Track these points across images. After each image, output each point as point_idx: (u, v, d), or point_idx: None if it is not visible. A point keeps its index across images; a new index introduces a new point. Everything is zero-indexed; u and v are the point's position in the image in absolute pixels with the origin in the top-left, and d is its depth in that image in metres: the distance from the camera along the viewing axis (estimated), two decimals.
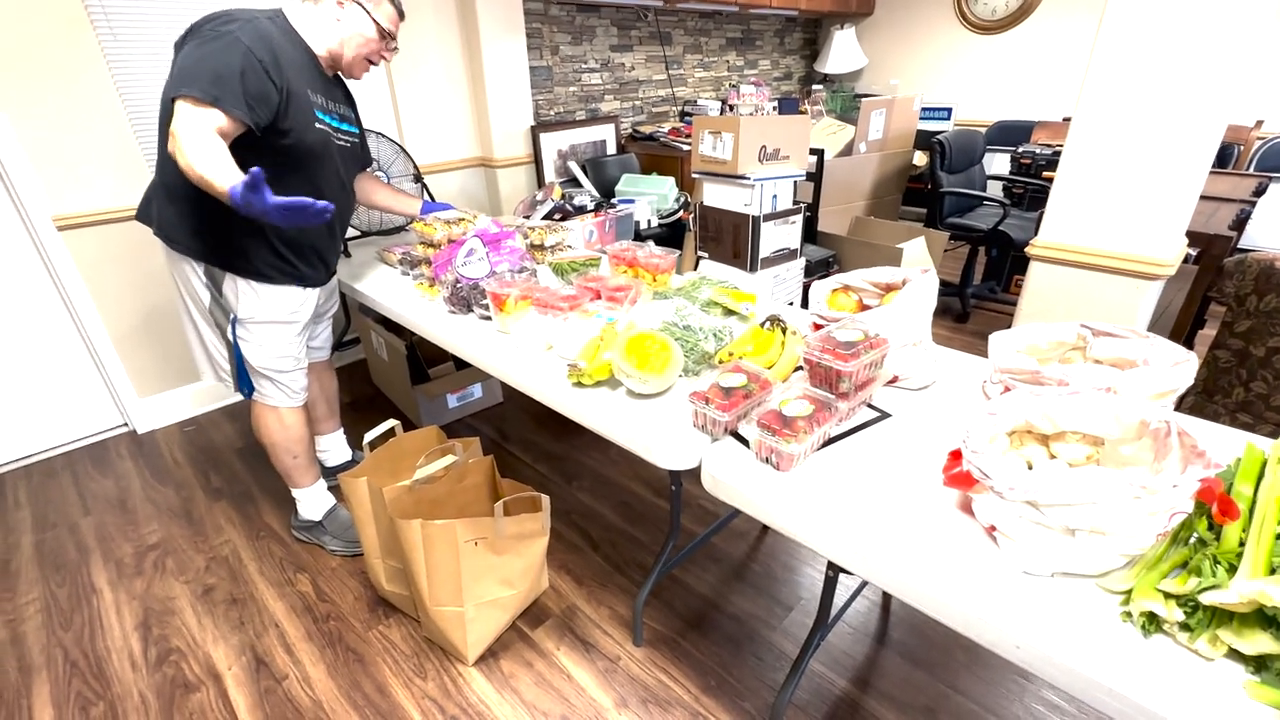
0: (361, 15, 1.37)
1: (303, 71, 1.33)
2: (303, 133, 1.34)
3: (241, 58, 1.19)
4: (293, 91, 1.29)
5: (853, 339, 1.01)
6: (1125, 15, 1.30)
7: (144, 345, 2.28)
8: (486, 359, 1.39)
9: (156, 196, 1.39)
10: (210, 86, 1.15)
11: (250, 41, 1.21)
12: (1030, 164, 3.21)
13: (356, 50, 1.41)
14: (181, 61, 1.21)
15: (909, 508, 0.87)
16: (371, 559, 1.50)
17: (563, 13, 3.16)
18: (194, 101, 1.15)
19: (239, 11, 1.27)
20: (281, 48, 1.28)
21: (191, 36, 1.25)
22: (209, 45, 1.20)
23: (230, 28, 1.21)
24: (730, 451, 1.00)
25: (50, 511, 1.94)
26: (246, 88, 1.19)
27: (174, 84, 1.17)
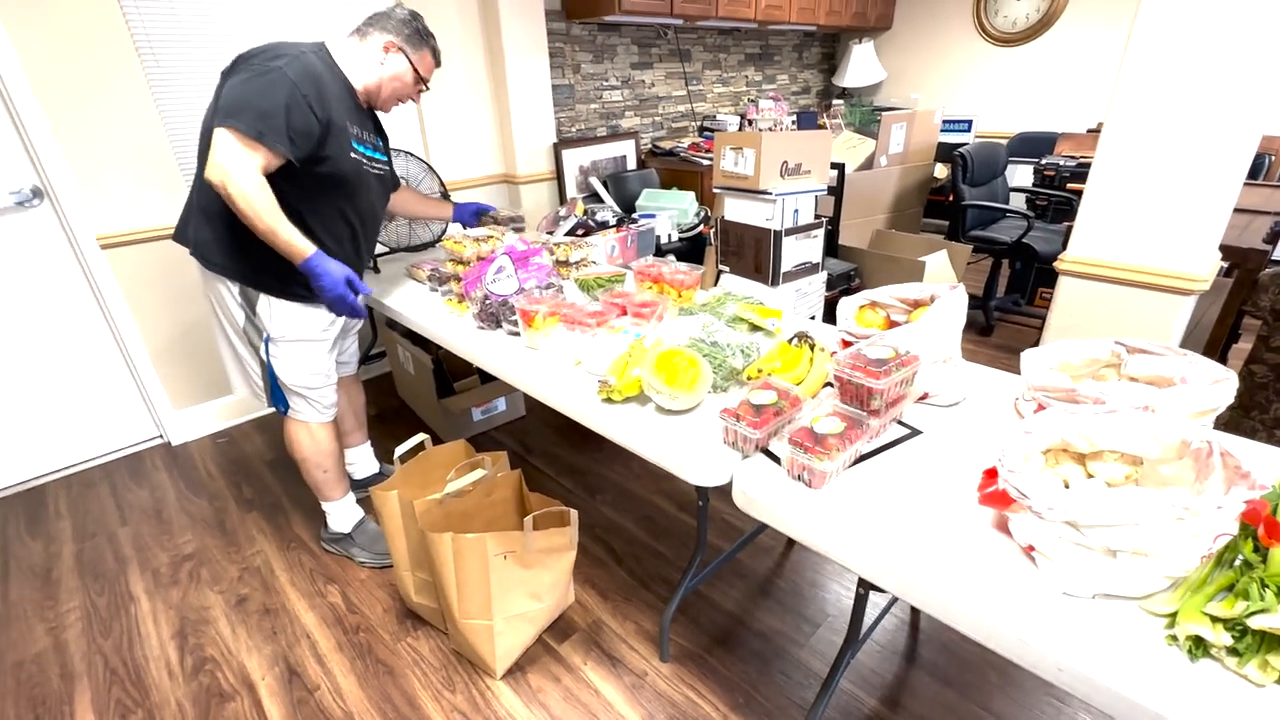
0: (403, 61, 1.47)
1: (341, 104, 1.40)
2: (339, 161, 1.40)
3: (287, 94, 1.25)
4: (333, 123, 1.35)
5: (883, 356, 1.02)
6: (1156, 25, 1.29)
7: (179, 359, 2.35)
8: (516, 374, 1.41)
9: (194, 218, 1.44)
10: (256, 121, 1.22)
11: (296, 77, 1.27)
12: (1054, 176, 3.19)
13: (392, 91, 1.50)
14: (229, 93, 1.26)
15: (943, 526, 0.87)
16: (401, 571, 1.52)
17: (585, 32, 3.22)
18: (239, 135, 1.22)
19: (286, 46, 1.33)
20: (325, 82, 1.34)
21: (240, 69, 1.30)
22: (257, 81, 1.25)
23: (278, 64, 1.27)
24: (761, 468, 1.00)
25: (89, 521, 2.00)
26: (291, 123, 1.26)
27: (222, 114, 1.23)
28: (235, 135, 1.22)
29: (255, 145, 1.24)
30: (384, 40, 1.45)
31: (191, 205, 1.45)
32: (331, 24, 2.41)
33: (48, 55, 1.87)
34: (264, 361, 1.51)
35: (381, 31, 1.45)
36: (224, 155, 1.22)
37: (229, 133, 1.22)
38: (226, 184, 1.22)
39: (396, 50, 1.46)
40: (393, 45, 1.46)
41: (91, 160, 2.01)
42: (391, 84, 1.49)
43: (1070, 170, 3.14)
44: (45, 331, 2.11)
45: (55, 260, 2.07)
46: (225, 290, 1.46)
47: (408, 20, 1.48)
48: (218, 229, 1.39)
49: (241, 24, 2.21)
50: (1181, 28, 1.28)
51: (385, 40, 1.45)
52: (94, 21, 1.91)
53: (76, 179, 2.00)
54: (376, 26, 1.46)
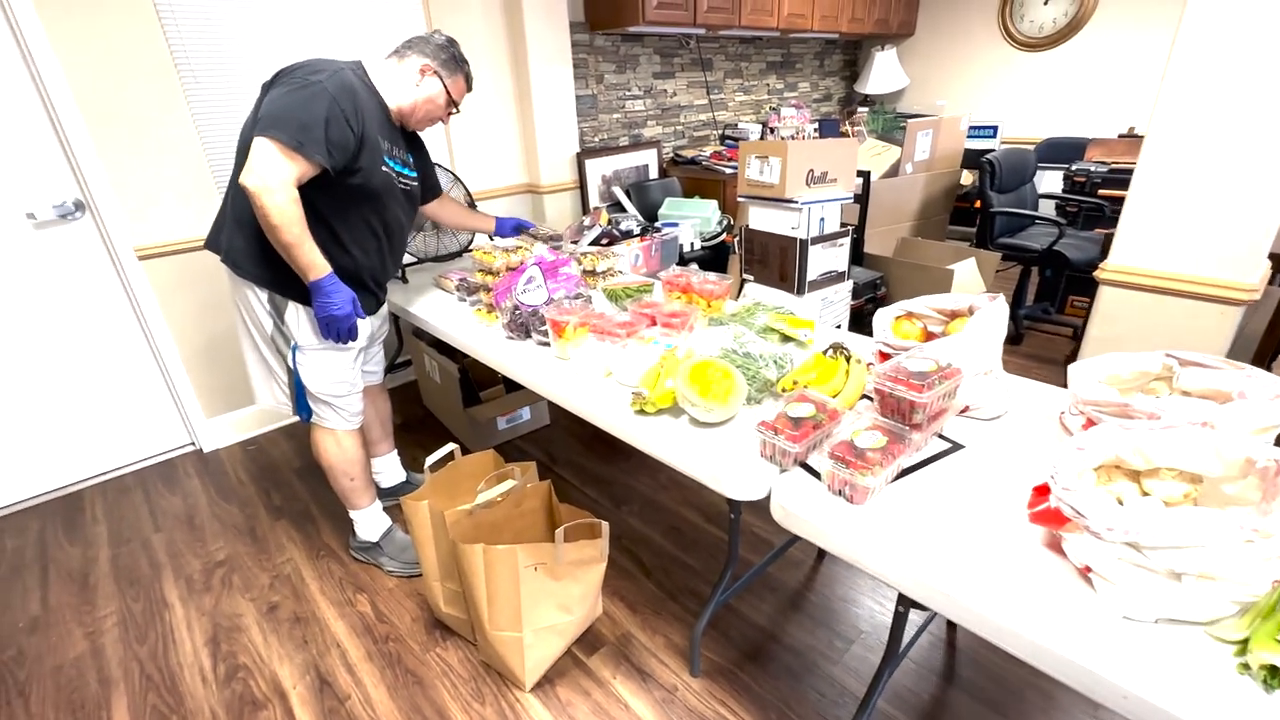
0: (438, 84, 1.51)
1: (376, 120, 1.43)
2: (370, 175, 1.42)
3: (327, 107, 1.28)
4: (366, 137, 1.38)
5: (925, 369, 1.00)
6: (1202, 27, 1.26)
7: (211, 367, 2.39)
8: (547, 385, 1.41)
9: (226, 225, 1.47)
10: (297, 132, 1.25)
11: (335, 91, 1.31)
12: (1085, 182, 3.13)
13: (426, 112, 1.54)
14: (270, 105, 1.29)
15: (991, 544, 0.85)
16: (430, 581, 1.52)
17: (608, 43, 3.24)
18: (280, 145, 1.25)
19: (325, 62, 1.37)
20: (361, 98, 1.38)
21: (281, 81, 1.33)
22: (298, 93, 1.28)
23: (318, 78, 1.30)
24: (801, 483, 0.99)
25: (124, 527, 2.03)
26: (329, 135, 1.29)
27: (263, 124, 1.26)
28: (276, 145, 1.25)
29: (294, 155, 1.26)
30: (421, 63, 1.49)
31: (225, 213, 1.48)
32: (367, 46, 2.45)
33: (92, 73, 1.92)
34: (290, 369, 1.53)
35: (419, 55, 1.49)
36: (262, 163, 1.25)
37: (270, 142, 1.25)
38: (261, 192, 1.24)
39: (432, 74, 1.50)
40: (429, 69, 1.49)
41: (131, 174, 2.06)
42: (425, 106, 1.52)
43: (1102, 176, 3.08)
44: (84, 341, 2.16)
45: (95, 270, 2.13)
46: (254, 297, 1.48)
47: (445, 46, 1.52)
48: (249, 237, 1.41)
49: (277, 44, 2.26)
50: (1228, 30, 1.25)
51: (422, 63, 1.49)
52: (137, 41, 1.97)
53: (116, 192, 2.05)
54: (415, 50, 1.50)
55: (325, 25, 2.36)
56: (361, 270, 1.53)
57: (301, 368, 1.51)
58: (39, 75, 1.85)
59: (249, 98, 2.21)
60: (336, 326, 1.42)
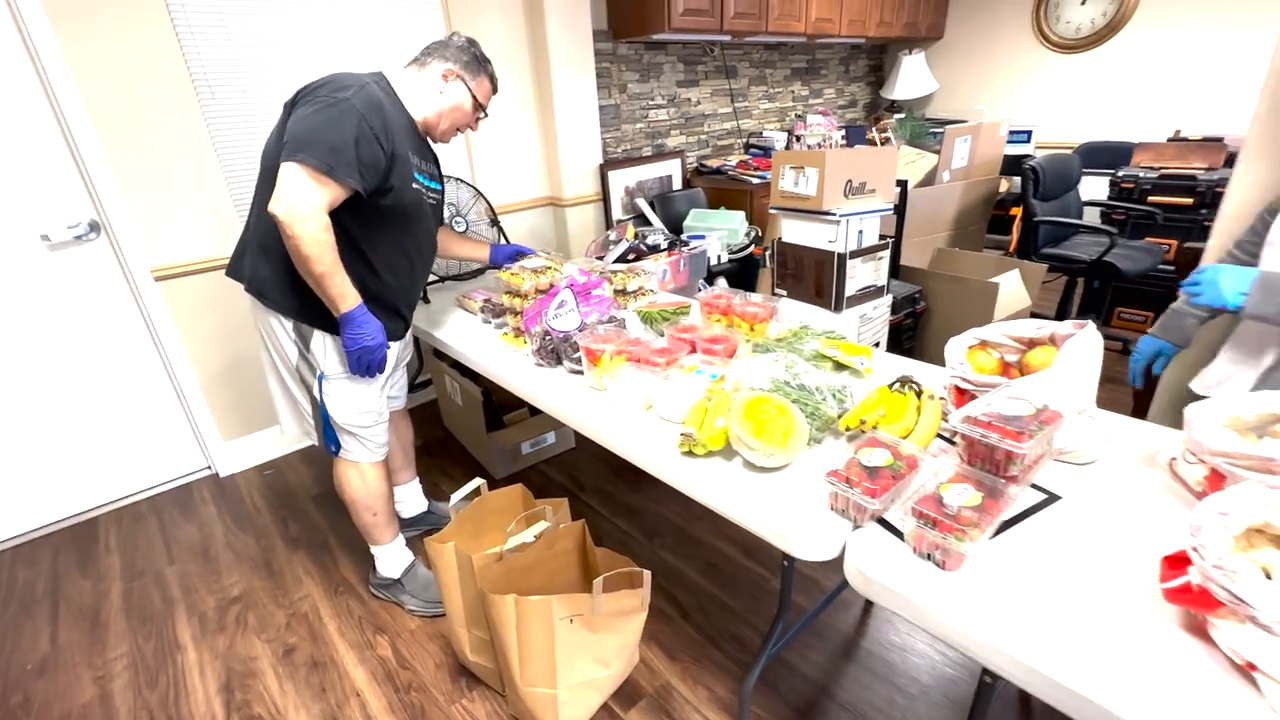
0: (462, 89, 1.42)
1: (404, 134, 1.35)
2: (402, 192, 1.35)
3: (356, 126, 1.21)
4: (397, 154, 1.31)
5: (1021, 413, 0.88)
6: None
7: (228, 390, 2.32)
8: (582, 419, 1.30)
9: (250, 252, 1.39)
10: (327, 155, 1.18)
11: (363, 108, 1.23)
12: (1133, 188, 2.98)
13: (452, 121, 1.45)
14: (296, 126, 1.21)
15: (1114, 624, 0.72)
16: (456, 627, 1.42)
17: (631, 51, 3.15)
18: (310, 170, 1.17)
19: (349, 77, 1.28)
20: (388, 112, 1.30)
21: (305, 100, 1.25)
22: (326, 112, 1.20)
23: (345, 95, 1.22)
24: (879, 542, 0.87)
25: (138, 558, 1.96)
26: (360, 156, 1.21)
27: (290, 148, 1.18)
28: (306, 170, 1.17)
29: (325, 180, 1.19)
30: (443, 68, 1.41)
31: (248, 240, 1.41)
32: (386, 56, 2.38)
33: (109, 92, 1.87)
34: (316, 399, 1.45)
35: (440, 60, 1.41)
36: (292, 190, 1.17)
37: (299, 167, 1.17)
38: (292, 221, 1.17)
39: (455, 78, 1.42)
40: (451, 73, 1.41)
41: (148, 194, 2.00)
42: (451, 114, 1.44)
43: (1152, 182, 2.93)
44: (98, 364, 2.10)
45: (110, 292, 2.07)
46: (279, 326, 1.40)
47: (465, 47, 1.43)
48: (275, 265, 1.34)
49: (295, 56, 2.20)
50: None
51: (444, 69, 1.41)
52: (154, 59, 1.91)
53: (133, 213, 1.99)
54: (435, 55, 1.42)
55: (343, 37, 2.29)
56: (395, 294, 1.46)
57: (328, 398, 1.43)
58: (54, 94, 1.80)
59: (267, 113, 2.17)
60: (368, 359, 1.36)
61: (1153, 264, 2.81)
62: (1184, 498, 0.91)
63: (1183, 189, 2.85)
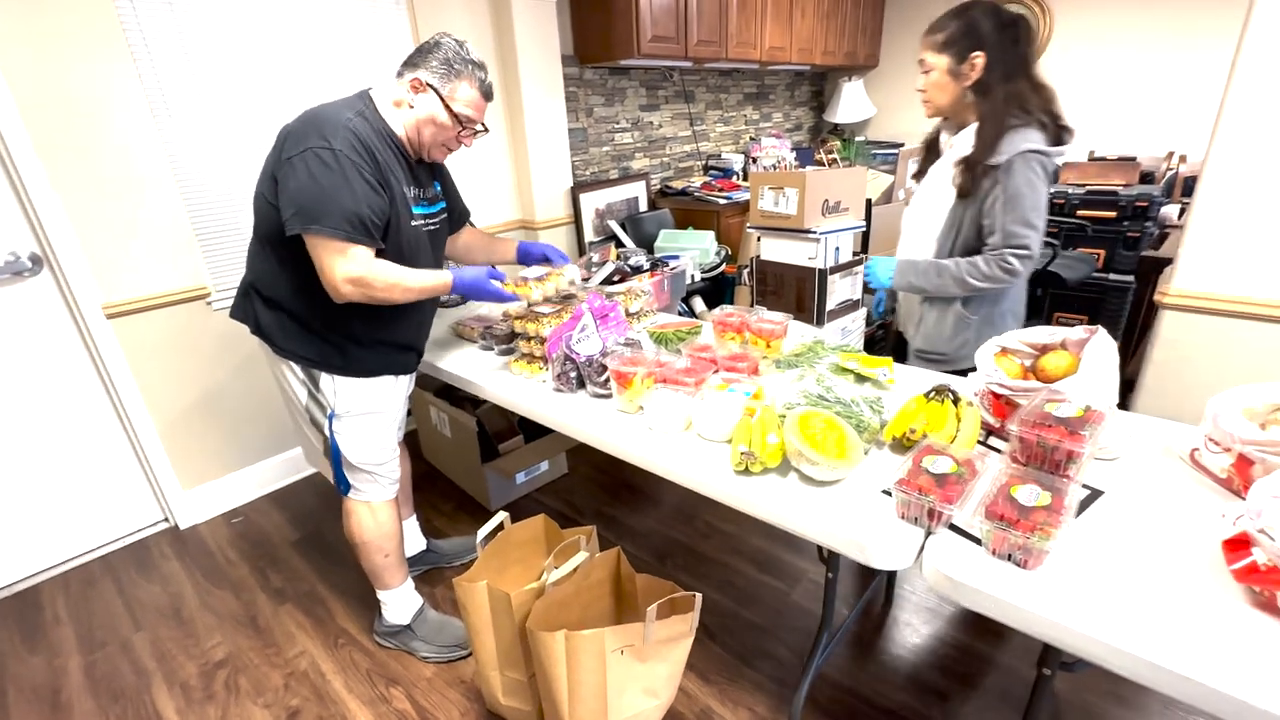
0: (433, 99, 1.25)
1: (395, 166, 1.27)
2: (398, 231, 1.30)
3: (360, 183, 1.18)
4: (394, 195, 1.26)
5: (1069, 414, 0.94)
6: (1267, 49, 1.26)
7: (190, 433, 2.14)
8: (620, 444, 1.28)
9: (253, 299, 1.33)
10: (343, 224, 1.16)
11: (359, 158, 1.18)
12: (1064, 204, 3.25)
13: (432, 136, 1.30)
14: (300, 191, 1.15)
15: (1187, 604, 0.78)
16: (487, 671, 1.35)
17: (596, 76, 3.19)
18: (336, 246, 1.17)
19: (331, 115, 1.19)
20: (377, 148, 1.22)
21: (295, 148, 1.16)
22: (325, 174, 1.14)
23: (335, 146, 1.15)
24: (958, 547, 0.90)
25: (96, 627, 1.76)
26: (372, 214, 1.20)
27: (302, 219, 1.14)
28: (332, 243, 1.17)
29: (350, 246, 1.18)
30: (411, 78, 1.24)
31: (249, 285, 1.33)
32: (352, 76, 2.30)
33: (58, 121, 1.71)
34: (327, 440, 1.36)
35: (409, 69, 1.26)
36: (340, 269, 1.17)
37: (326, 243, 1.16)
38: (366, 291, 1.20)
39: (424, 88, 1.24)
40: (420, 83, 1.23)
41: (101, 226, 1.84)
42: (427, 128, 1.27)
43: (1080, 198, 3.21)
44: (38, 411, 1.89)
45: (54, 332, 1.88)
46: (288, 369, 1.33)
47: (431, 49, 1.24)
48: (278, 312, 1.30)
49: (261, 85, 2.09)
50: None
51: (412, 78, 1.24)
52: (108, 85, 1.77)
53: (84, 245, 1.82)
54: (409, 63, 1.27)
55: (308, 56, 2.20)
56: (405, 331, 1.41)
57: (339, 436, 1.35)
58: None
59: (232, 138, 2.05)
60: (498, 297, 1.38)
61: (1088, 272, 3.07)
62: (1210, 485, 0.99)
63: (1107, 204, 3.14)
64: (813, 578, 1.78)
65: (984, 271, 1.38)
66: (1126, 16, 3.66)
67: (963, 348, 1.51)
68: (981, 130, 1.35)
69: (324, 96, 1.29)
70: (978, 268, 1.39)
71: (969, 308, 1.49)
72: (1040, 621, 0.80)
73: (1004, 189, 1.33)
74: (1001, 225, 1.35)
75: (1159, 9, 3.56)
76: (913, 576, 1.74)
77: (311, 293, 1.25)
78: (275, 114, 2.13)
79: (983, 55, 1.33)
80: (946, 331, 1.54)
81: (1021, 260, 1.36)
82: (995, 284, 1.39)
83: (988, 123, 1.34)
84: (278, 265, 1.27)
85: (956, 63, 1.36)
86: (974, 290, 1.42)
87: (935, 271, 1.46)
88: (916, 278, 1.50)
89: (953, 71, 1.37)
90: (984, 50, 1.33)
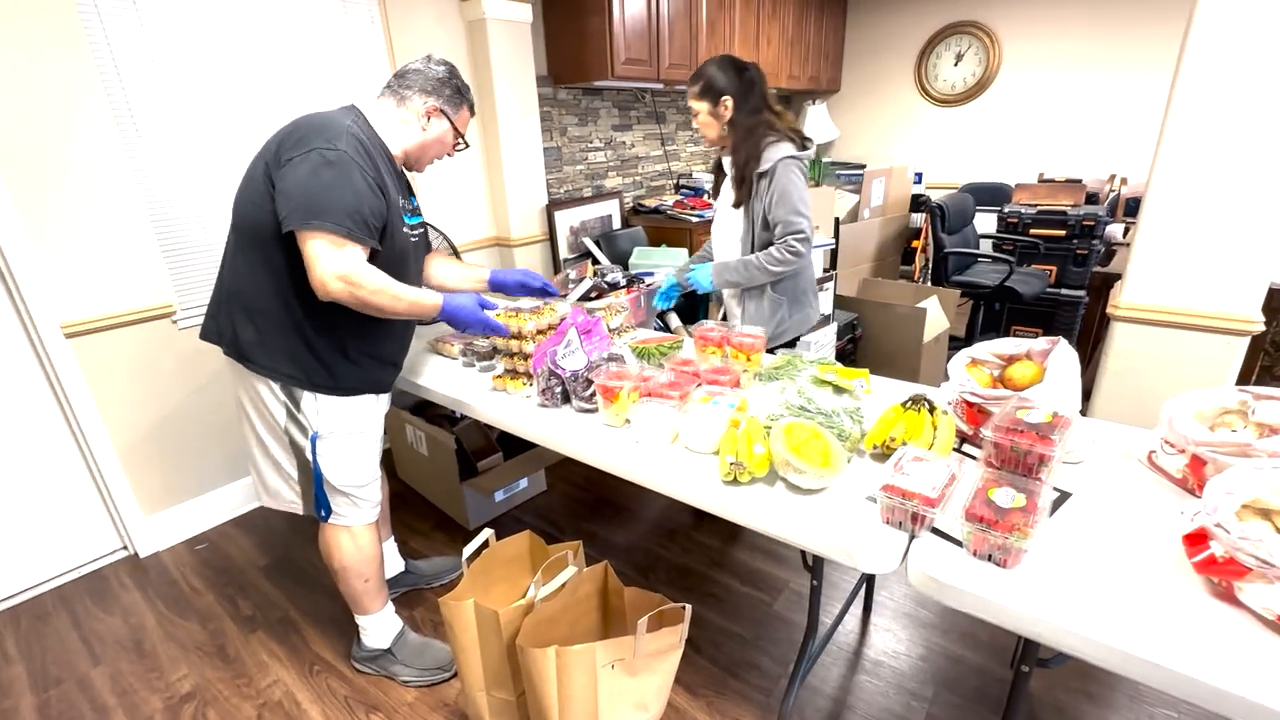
0: (445, 123, 1.36)
1: (389, 175, 1.29)
2: (393, 238, 1.30)
3: (362, 184, 1.18)
4: (389, 202, 1.26)
5: (1039, 420, 0.99)
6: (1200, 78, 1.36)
7: (151, 458, 2.06)
8: (604, 457, 1.29)
9: (231, 315, 1.28)
10: (345, 219, 1.15)
11: (362, 161, 1.19)
12: (1017, 222, 3.41)
13: (433, 154, 1.40)
14: (301, 190, 1.14)
15: (1153, 597, 0.83)
16: (473, 692, 1.33)
17: (570, 96, 3.24)
18: (333, 237, 1.14)
19: (332, 121, 1.21)
20: (375, 157, 1.25)
21: (297, 156, 1.16)
22: (327, 172, 1.15)
23: (340, 147, 1.17)
24: (940, 549, 0.94)
25: (50, 663, 1.66)
26: (371, 215, 1.20)
27: (302, 214, 1.12)
28: (329, 238, 1.14)
29: (348, 244, 1.17)
30: (426, 105, 1.33)
31: (223, 300, 1.29)
32: (328, 88, 2.29)
33: (11, 131, 1.65)
34: (309, 462, 1.33)
35: (421, 94, 1.32)
36: (334, 264, 1.14)
37: (321, 238, 1.14)
38: (354, 291, 1.16)
39: (439, 114, 1.35)
40: (435, 109, 1.34)
41: (60, 241, 1.78)
42: (434, 147, 1.38)
43: (1032, 217, 3.38)
44: None
45: (6, 353, 1.79)
46: (265, 389, 1.29)
47: (446, 79, 1.35)
48: (262, 327, 1.26)
49: (233, 98, 2.06)
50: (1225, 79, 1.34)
51: (428, 105, 1.33)
52: (66, 87, 1.72)
53: (41, 262, 1.76)
54: (414, 89, 1.32)
55: (282, 81, 2.18)
56: (393, 351, 1.41)
57: (322, 458, 1.32)
58: None
59: (201, 152, 2.01)
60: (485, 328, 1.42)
61: (1042, 288, 3.23)
62: (1167, 485, 1.06)
63: (1057, 222, 3.31)
64: (795, 588, 1.81)
65: (777, 258, 1.70)
66: (1069, 47, 3.90)
67: (781, 324, 1.86)
68: (742, 151, 1.70)
69: (297, 112, 1.29)
70: (772, 256, 1.71)
71: (778, 290, 1.82)
72: (1020, 617, 0.84)
73: (776, 189, 1.67)
74: (780, 218, 1.68)
75: (1099, 41, 3.80)
76: (891, 584, 1.79)
77: (303, 301, 1.23)
78: (247, 130, 2.11)
79: (730, 98, 1.68)
80: (766, 313, 1.84)
81: (801, 242, 1.68)
82: (790, 266, 1.71)
83: (745, 145, 1.70)
84: (266, 274, 1.24)
85: (713, 106, 1.70)
86: (776, 275, 1.74)
87: (743, 267, 1.76)
88: (730, 275, 1.78)
89: (712, 113, 1.71)
90: (730, 94, 1.67)
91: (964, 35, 4.23)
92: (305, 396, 1.29)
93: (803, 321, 1.91)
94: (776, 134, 1.69)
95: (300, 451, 1.33)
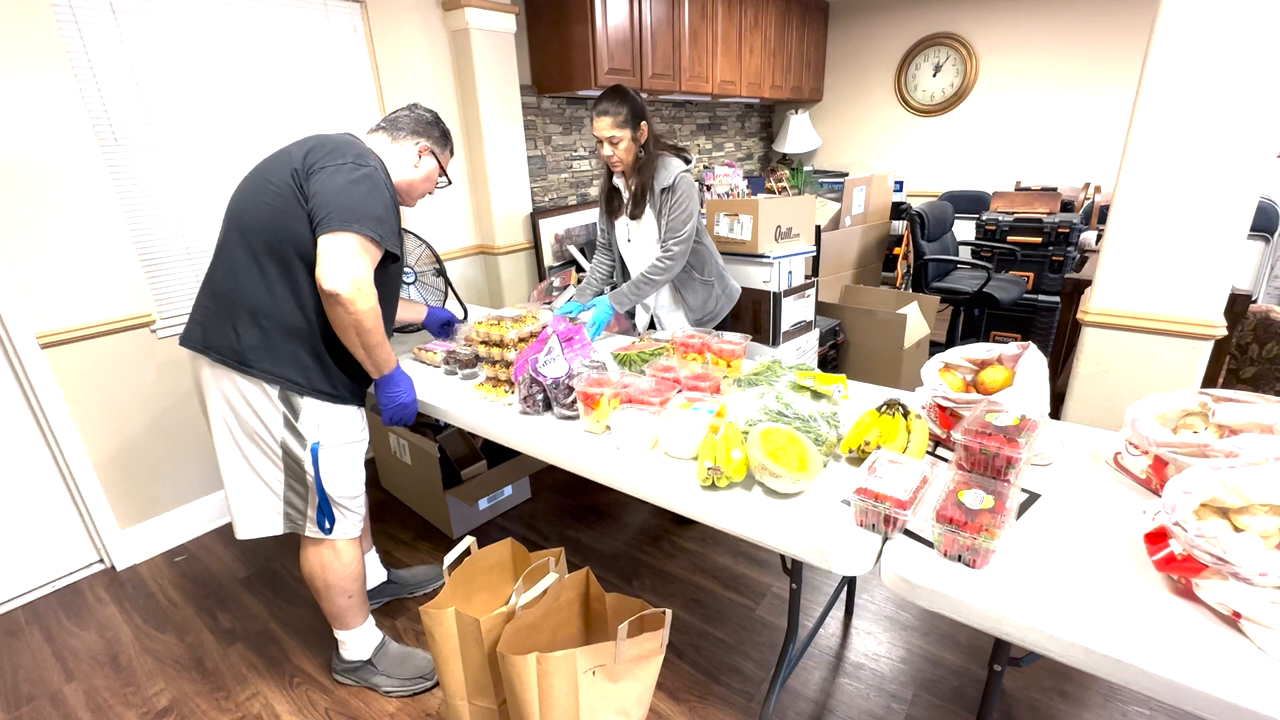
0: (433, 162, 1.47)
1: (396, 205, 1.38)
2: (399, 259, 1.36)
3: (390, 202, 1.28)
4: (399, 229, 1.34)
5: (1007, 423, 1.01)
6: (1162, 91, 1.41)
7: (128, 469, 2.04)
8: (585, 464, 1.30)
9: (232, 319, 1.26)
10: (377, 225, 1.22)
11: (386, 180, 1.29)
12: (995, 230, 3.48)
13: (421, 191, 1.49)
14: (339, 195, 1.20)
15: (1116, 594, 0.85)
16: (455, 701, 1.32)
17: (554, 105, 3.26)
18: (366, 240, 1.20)
19: (357, 142, 1.33)
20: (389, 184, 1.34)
21: (330, 166, 1.22)
22: (364, 184, 1.23)
23: (371, 162, 1.27)
24: (912, 551, 0.95)
25: (22, 680, 1.63)
26: (396, 225, 1.28)
27: (339, 218, 1.18)
28: (362, 240, 1.19)
29: (376, 250, 1.23)
30: (419, 145, 1.43)
31: (217, 306, 1.27)
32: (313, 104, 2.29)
33: None
34: (305, 474, 1.32)
35: (413, 136, 1.43)
36: (349, 264, 1.17)
37: (355, 238, 1.18)
38: (356, 298, 1.18)
39: (429, 154, 1.45)
40: (426, 149, 1.45)
41: (37, 252, 1.76)
42: (421, 185, 1.48)
43: (1009, 224, 3.44)
44: None
45: None
46: (261, 396, 1.27)
47: (434, 123, 1.47)
48: (268, 330, 1.25)
49: (214, 108, 2.06)
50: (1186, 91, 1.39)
51: (420, 145, 1.43)
52: (42, 92, 1.71)
53: (16, 272, 1.74)
54: (406, 130, 1.43)
55: (263, 91, 2.18)
56: None
57: (324, 469, 1.31)
58: None
59: (182, 162, 2.00)
60: (403, 414, 1.41)
61: (1020, 294, 3.29)
62: (1132, 486, 1.09)
63: (1033, 230, 3.38)
64: (777, 592, 1.82)
65: (660, 267, 1.88)
66: (1043, 60, 3.99)
67: (718, 301, 2.07)
68: (648, 170, 1.85)
69: (279, 123, 1.33)
70: (655, 267, 1.88)
71: (704, 274, 2.02)
72: (988, 617, 0.86)
73: (679, 200, 1.84)
74: (674, 226, 1.86)
75: (1072, 54, 3.89)
76: (872, 587, 1.81)
77: (317, 306, 1.26)
78: (228, 138, 2.10)
79: (645, 121, 1.80)
80: (700, 298, 2.03)
81: (678, 244, 1.86)
82: (669, 271, 1.88)
83: (651, 163, 1.85)
84: (282, 278, 1.24)
85: (634, 131, 1.79)
86: (661, 283, 1.91)
87: (636, 286, 1.91)
88: (629, 297, 1.92)
89: (634, 139, 1.80)
90: (644, 118, 1.80)
91: (942, 47, 4.32)
92: (305, 407, 1.28)
93: (732, 294, 2.13)
94: (672, 152, 1.88)
95: (298, 463, 1.31)
